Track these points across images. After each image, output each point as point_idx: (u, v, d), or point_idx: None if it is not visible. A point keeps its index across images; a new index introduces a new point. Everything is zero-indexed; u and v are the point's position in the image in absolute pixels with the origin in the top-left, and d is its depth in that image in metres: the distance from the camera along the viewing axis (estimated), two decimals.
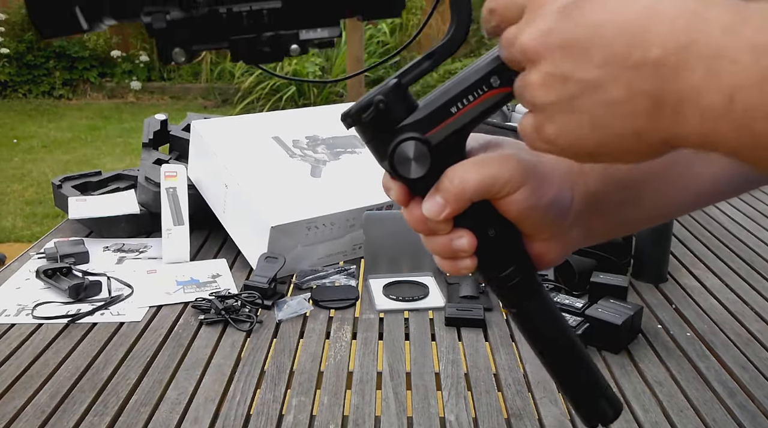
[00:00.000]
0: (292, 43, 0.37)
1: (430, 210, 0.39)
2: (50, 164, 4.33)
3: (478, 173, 0.38)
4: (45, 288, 1.11)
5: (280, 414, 0.80)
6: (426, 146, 0.38)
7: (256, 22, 0.36)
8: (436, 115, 0.39)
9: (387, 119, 0.39)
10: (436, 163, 0.39)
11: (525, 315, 0.43)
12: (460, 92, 0.39)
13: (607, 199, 0.42)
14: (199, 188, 1.31)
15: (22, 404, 0.82)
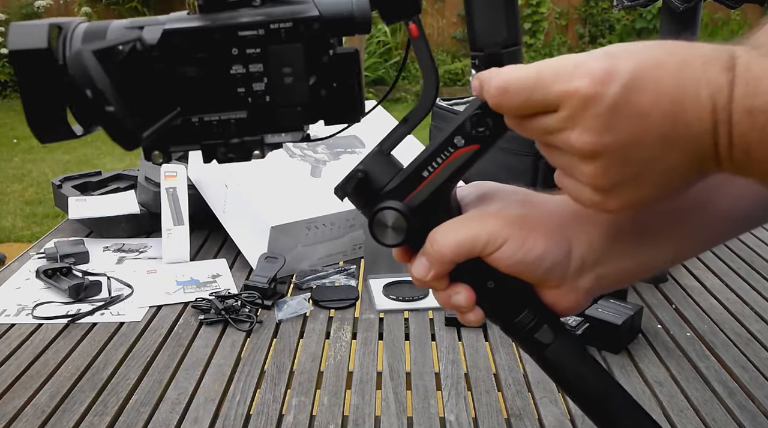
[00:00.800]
0: (256, 148, 0.41)
1: (417, 271, 0.41)
2: (50, 164, 4.33)
3: (456, 235, 0.40)
4: (45, 288, 1.11)
5: (280, 414, 0.80)
6: (400, 213, 0.41)
7: (225, 130, 0.40)
8: (411, 180, 0.42)
9: (370, 187, 0.42)
10: (420, 224, 0.41)
11: (547, 362, 0.43)
12: (428, 157, 0.41)
13: (619, 245, 0.41)
14: (199, 188, 1.30)
15: (22, 404, 0.82)
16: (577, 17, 6.34)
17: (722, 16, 5.90)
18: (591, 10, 6.25)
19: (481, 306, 0.43)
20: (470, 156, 0.41)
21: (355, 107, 0.41)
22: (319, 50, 0.39)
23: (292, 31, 0.39)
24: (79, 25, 0.40)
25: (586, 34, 6.35)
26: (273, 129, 0.41)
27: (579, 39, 6.39)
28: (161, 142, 0.40)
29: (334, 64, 0.40)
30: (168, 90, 0.39)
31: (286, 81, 0.39)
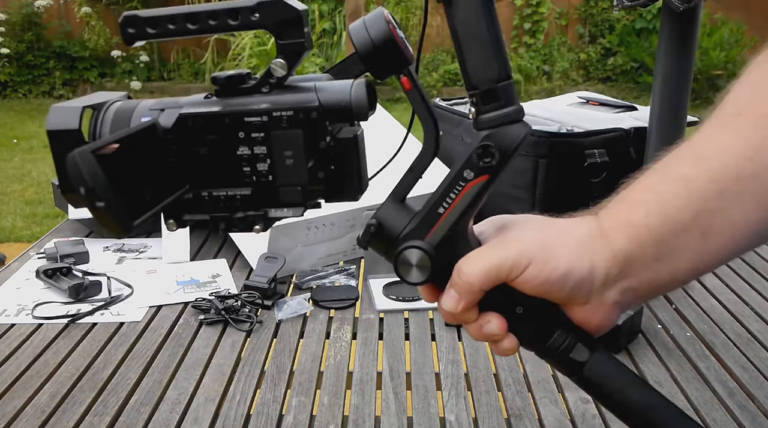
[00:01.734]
0: (258, 222, 0.44)
1: (447, 304, 0.43)
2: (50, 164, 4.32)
3: (480, 264, 0.42)
4: (45, 288, 1.11)
5: (280, 414, 0.80)
6: (422, 251, 0.43)
7: (231, 204, 0.44)
8: (428, 219, 0.44)
9: (385, 235, 0.45)
10: (443, 260, 0.43)
11: (587, 381, 0.44)
12: (442, 194, 0.44)
13: (639, 258, 0.42)
14: None
15: (22, 404, 0.82)
16: (577, 17, 6.33)
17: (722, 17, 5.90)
18: (591, 10, 6.25)
19: (514, 332, 0.44)
20: (481, 187, 0.43)
21: (353, 187, 0.44)
22: (317, 136, 0.42)
23: (293, 119, 0.42)
24: (110, 107, 0.44)
25: (586, 34, 6.35)
26: (275, 205, 0.44)
27: (579, 39, 6.39)
28: (175, 212, 0.44)
29: (332, 149, 0.42)
30: (179, 168, 0.43)
31: (287, 163, 0.43)
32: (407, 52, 0.42)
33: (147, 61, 6.17)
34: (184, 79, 6.19)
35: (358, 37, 0.42)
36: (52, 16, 6.07)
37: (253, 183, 0.43)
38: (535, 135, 1.20)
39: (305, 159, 0.42)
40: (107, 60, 6.14)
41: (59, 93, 5.97)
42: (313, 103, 0.42)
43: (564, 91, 5.37)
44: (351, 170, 0.43)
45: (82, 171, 0.35)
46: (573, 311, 0.43)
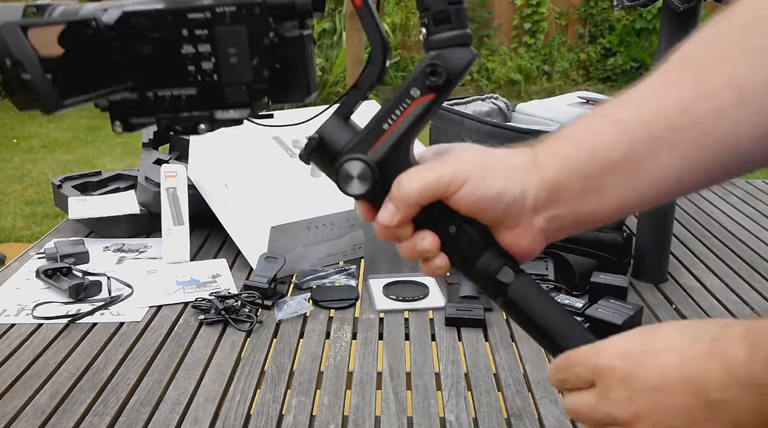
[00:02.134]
0: (204, 122, 0.44)
1: (384, 217, 0.44)
2: (50, 164, 4.33)
3: (420, 177, 0.43)
4: (45, 288, 1.11)
5: (280, 414, 0.80)
6: (364, 163, 0.44)
7: (176, 105, 0.44)
8: (372, 134, 0.45)
9: (327, 149, 0.46)
10: (384, 176, 0.44)
11: (510, 301, 0.46)
12: (387, 110, 0.44)
13: (567, 188, 0.44)
14: (199, 188, 1.30)
15: (22, 404, 0.82)
16: (577, 17, 6.33)
17: None
18: (591, 10, 6.25)
19: (445, 252, 0.45)
20: (427, 106, 0.44)
21: (299, 87, 0.44)
22: (261, 33, 0.42)
23: (236, 15, 0.42)
24: (56, 8, 0.43)
25: (586, 34, 6.34)
26: (222, 106, 0.44)
27: (579, 39, 6.39)
28: (121, 113, 0.44)
29: (278, 47, 0.43)
30: (121, 66, 0.42)
31: (232, 61, 0.43)
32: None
33: None
34: None
35: None
36: None
37: (198, 83, 0.43)
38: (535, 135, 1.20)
39: (249, 57, 0.43)
40: None
41: None
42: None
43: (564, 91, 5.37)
44: (296, 69, 0.43)
45: (8, 43, 0.36)
46: (502, 235, 0.45)
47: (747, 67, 0.42)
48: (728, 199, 1.64)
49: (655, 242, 1.17)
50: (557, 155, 0.45)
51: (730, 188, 1.73)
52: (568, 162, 0.44)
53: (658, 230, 1.16)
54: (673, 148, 0.43)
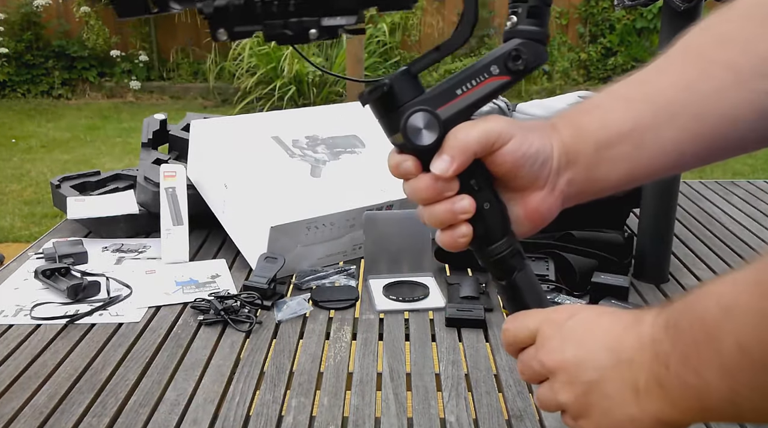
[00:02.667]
0: (313, 27, 0.44)
1: (439, 167, 0.45)
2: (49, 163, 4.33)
3: (476, 128, 0.46)
4: (43, 289, 1.10)
5: (280, 415, 0.80)
6: (435, 116, 0.45)
7: (284, 10, 0.43)
8: (444, 95, 0.46)
9: (393, 99, 0.46)
10: (443, 136, 0.46)
11: (513, 287, 0.49)
12: (464, 77, 0.46)
13: (583, 152, 0.48)
14: (198, 188, 1.30)
15: (20, 405, 0.81)
16: (578, 17, 6.33)
17: None
18: (591, 10, 6.24)
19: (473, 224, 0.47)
20: (500, 85, 0.46)
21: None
22: None
23: None
24: None
25: (586, 33, 6.34)
26: (329, 12, 0.44)
27: (579, 38, 6.38)
28: (226, 20, 0.43)
29: None
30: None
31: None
32: None
33: (146, 61, 6.16)
34: (183, 78, 6.18)
35: None
36: (51, 15, 6.06)
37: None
38: None
39: None
40: (106, 59, 6.13)
41: (58, 93, 5.97)
42: None
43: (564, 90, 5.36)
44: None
45: None
46: (530, 198, 0.48)
47: (742, 50, 0.45)
48: (729, 199, 1.63)
49: (657, 242, 1.16)
50: (572, 123, 0.49)
51: (731, 188, 1.73)
52: (581, 130, 0.48)
53: (660, 230, 1.15)
54: (675, 122, 0.47)
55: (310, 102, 5.23)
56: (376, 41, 5.73)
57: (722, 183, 1.76)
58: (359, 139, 1.37)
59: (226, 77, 5.84)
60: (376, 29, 5.72)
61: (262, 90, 5.35)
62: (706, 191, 1.69)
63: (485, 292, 1.09)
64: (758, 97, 0.45)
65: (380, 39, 5.74)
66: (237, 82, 5.53)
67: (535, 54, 0.46)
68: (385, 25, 5.70)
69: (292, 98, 5.25)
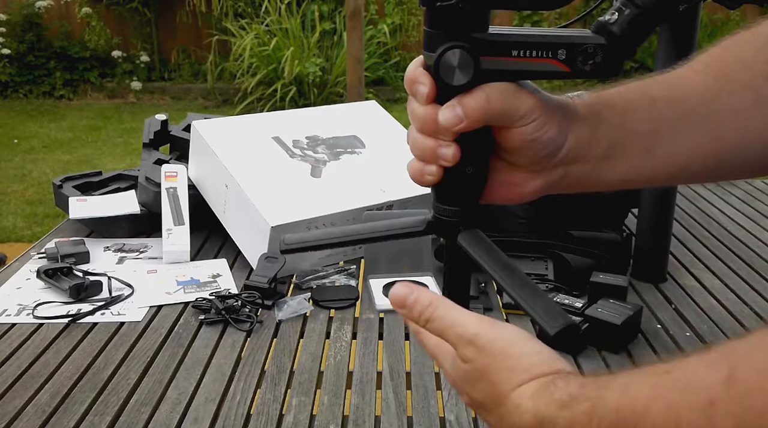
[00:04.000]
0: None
1: (447, 119, 0.42)
2: (51, 164, 4.34)
3: (504, 101, 0.42)
4: (46, 288, 1.11)
5: (281, 414, 0.80)
6: (475, 63, 0.41)
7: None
8: (498, 47, 0.42)
9: (457, 19, 0.41)
10: (471, 85, 0.42)
11: (455, 247, 0.47)
12: (529, 43, 0.42)
13: (593, 149, 0.47)
14: (199, 188, 1.31)
15: (22, 404, 0.82)
16: None
17: (721, 17, 5.90)
18: None
19: (444, 176, 0.45)
20: (557, 72, 0.43)
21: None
22: None
23: None
24: None
25: None
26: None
27: None
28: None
29: None
30: None
31: None
32: None
33: (147, 62, 6.17)
34: (184, 79, 6.19)
35: None
36: (52, 16, 6.07)
37: None
38: None
39: None
40: (108, 60, 6.14)
41: (60, 93, 5.98)
42: None
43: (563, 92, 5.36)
44: None
45: None
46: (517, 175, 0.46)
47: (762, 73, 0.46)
48: (728, 199, 1.64)
49: (655, 242, 1.17)
50: (593, 116, 0.47)
51: (729, 188, 1.73)
52: (600, 124, 0.46)
53: (658, 230, 1.16)
54: (690, 134, 0.47)
55: (310, 103, 5.24)
56: (377, 42, 5.73)
57: (720, 183, 1.77)
58: (359, 139, 1.38)
59: (226, 78, 5.85)
60: (377, 30, 5.72)
61: (263, 91, 5.36)
62: (704, 191, 1.69)
63: (485, 292, 1.09)
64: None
65: (380, 40, 5.75)
66: (238, 82, 5.53)
67: (609, 64, 0.43)
68: (386, 26, 5.71)
69: (293, 99, 5.26)
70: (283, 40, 5.38)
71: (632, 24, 0.43)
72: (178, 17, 6.19)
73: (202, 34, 6.13)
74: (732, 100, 0.46)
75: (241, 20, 5.82)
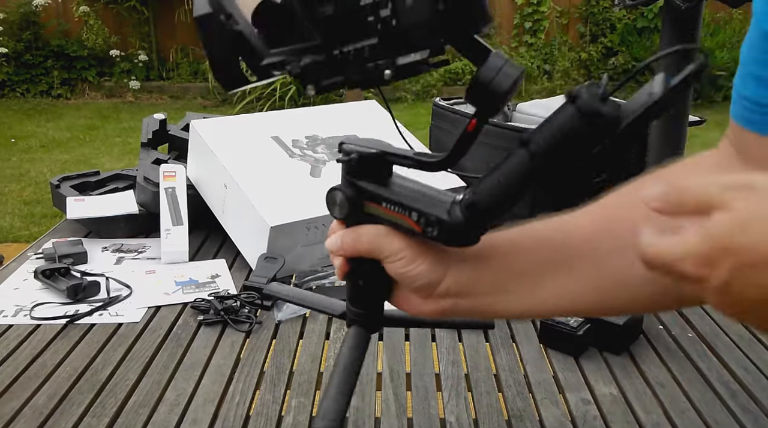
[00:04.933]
0: (388, 68, 0.46)
1: (329, 244, 0.53)
2: (48, 163, 4.33)
3: (371, 243, 0.51)
4: (43, 289, 1.10)
5: (280, 415, 0.80)
6: (349, 202, 0.52)
7: (360, 57, 0.46)
8: (374, 197, 0.51)
9: (351, 170, 0.52)
10: (354, 219, 0.52)
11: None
12: (394, 201, 0.50)
13: (477, 288, 0.52)
14: (198, 188, 1.30)
15: (20, 405, 0.81)
16: (578, 16, 6.33)
17: (724, 16, 5.90)
18: (592, 9, 6.25)
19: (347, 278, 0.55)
20: (411, 228, 0.50)
21: (477, 13, 0.44)
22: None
23: None
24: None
25: (587, 33, 6.34)
26: (403, 51, 0.46)
27: (580, 38, 6.38)
28: (312, 77, 0.46)
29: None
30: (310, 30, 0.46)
31: (408, 3, 0.44)
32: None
33: (146, 61, 6.16)
34: (183, 78, 6.18)
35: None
36: (50, 15, 6.06)
37: (379, 31, 0.45)
38: None
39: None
40: (105, 59, 6.13)
41: (57, 92, 5.97)
42: None
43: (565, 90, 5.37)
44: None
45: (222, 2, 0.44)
46: (409, 297, 0.53)
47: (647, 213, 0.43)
48: None
49: None
50: (475, 257, 0.52)
51: None
52: (483, 265, 0.52)
53: None
54: (573, 273, 0.50)
55: (310, 102, 5.23)
56: None
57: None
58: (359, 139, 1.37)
59: None
60: None
61: (262, 90, 5.35)
62: None
63: None
64: None
65: None
66: None
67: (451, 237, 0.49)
68: None
69: (292, 98, 5.25)
70: None
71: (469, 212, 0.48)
72: (176, 16, 6.18)
73: None
74: (614, 241, 0.49)
75: None
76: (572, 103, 0.42)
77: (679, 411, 0.81)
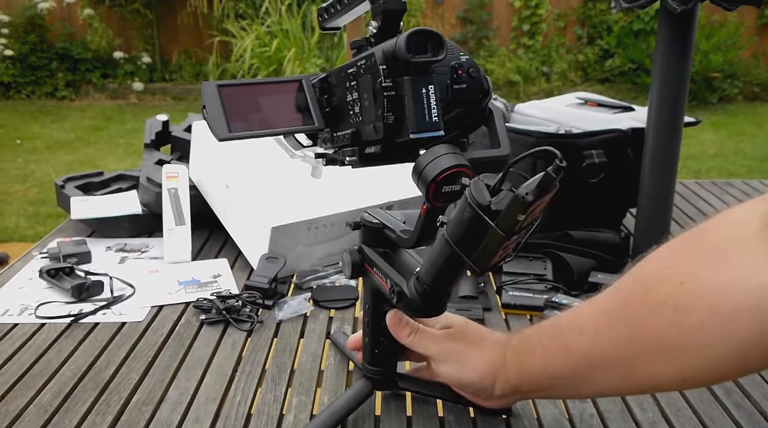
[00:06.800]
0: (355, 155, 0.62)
1: (396, 332, 0.73)
2: (53, 164, 4.35)
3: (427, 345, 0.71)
4: (48, 288, 1.11)
5: (281, 414, 0.81)
6: (357, 268, 0.70)
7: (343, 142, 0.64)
8: (371, 263, 0.68)
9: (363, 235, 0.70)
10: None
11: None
12: (383, 270, 0.65)
13: (526, 388, 0.66)
14: (200, 188, 1.31)
15: (24, 403, 0.82)
16: (576, 19, 6.33)
17: (719, 18, 5.89)
18: (589, 12, 6.25)
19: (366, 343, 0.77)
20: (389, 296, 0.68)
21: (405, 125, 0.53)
22: (376, 79, 0.53)
23: (366, 67, 0.54)
24: None
25: (584, 35, 6.34)
26: (366, 143, 0.58)
27: (577, 40, 6.39)
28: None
29: (386, 90, 0.53)
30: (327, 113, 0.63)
31: (366, 104, 0.55)
32: None
33: (149, 63, 6.18)
34: (186, 80, 6.20)
35: None
36: (55, 18, 6.09)
37: (353, 124, 0.58)
38: (533, 136, 1.21)
39: (373, 99, 0.54)
40: (109, 61, 6.15)
41: (62, 94, 5.99)
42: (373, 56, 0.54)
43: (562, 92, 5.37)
44: (403, 110, 0.52)
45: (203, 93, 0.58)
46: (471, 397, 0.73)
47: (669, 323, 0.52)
48: (725, 199, 1.64)
49: (653, 242, 1.16)
50: (518, 365, 0.65)
51: (726, 188, 1.74)
52: (525, 372, 0.64)
53: (656, 229, 1.16)
54: (608, 374, 0.57)
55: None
56: None
57: (718, 183, 1.77)
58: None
59: (228, 79, 5.86)
60: None
61: None
62: (701, 191, 1.70)
63: (483, 292, 1.10)
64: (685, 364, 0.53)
65: None
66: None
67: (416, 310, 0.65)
68: None
69: None
70: (284, 42, 5.39)
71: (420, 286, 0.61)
72: (179, 18, 6.20)
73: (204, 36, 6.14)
74: (639, 348, 0.53)
75: (242, 21, 5.83)
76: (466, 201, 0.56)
77: (675, 409, 0.81)
